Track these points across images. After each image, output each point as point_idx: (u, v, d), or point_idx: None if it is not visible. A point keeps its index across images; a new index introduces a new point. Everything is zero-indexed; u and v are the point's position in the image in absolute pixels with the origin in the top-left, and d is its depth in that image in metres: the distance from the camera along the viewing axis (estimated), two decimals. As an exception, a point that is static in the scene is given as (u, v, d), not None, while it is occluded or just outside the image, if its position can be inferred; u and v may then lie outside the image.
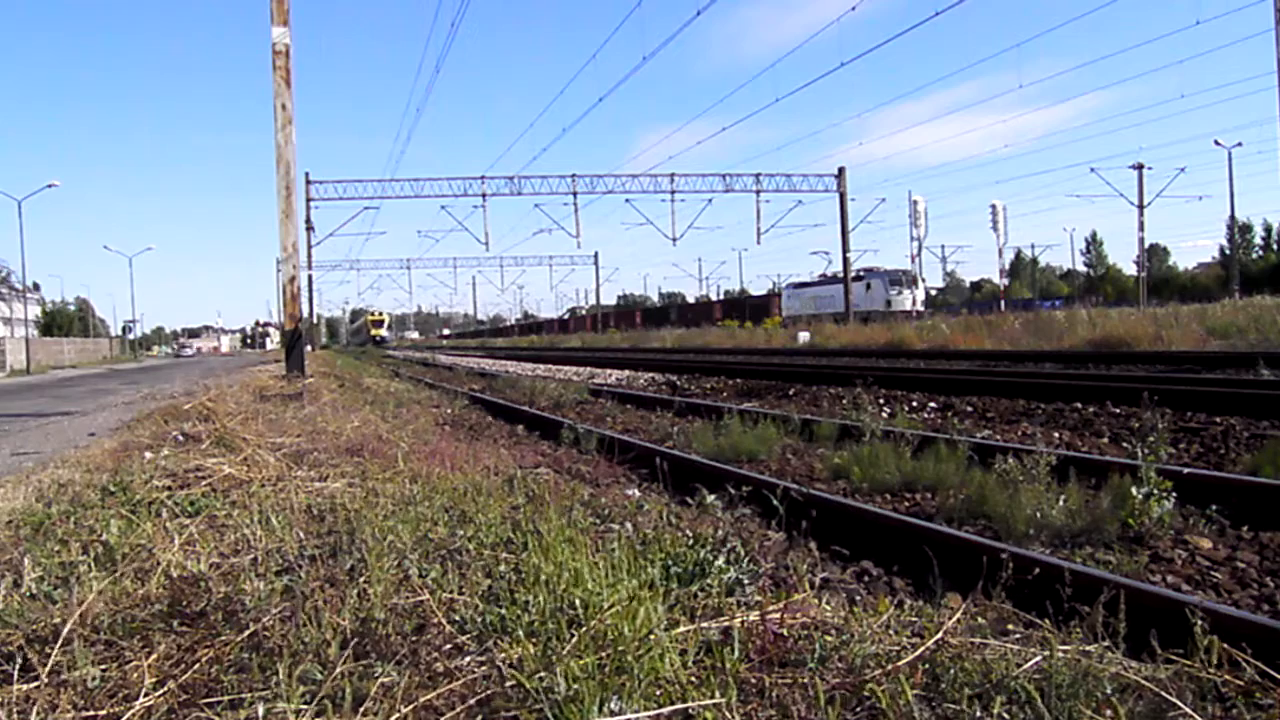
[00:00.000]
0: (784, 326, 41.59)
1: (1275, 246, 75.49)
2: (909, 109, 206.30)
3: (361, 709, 1.70)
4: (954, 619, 2.08)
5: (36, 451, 7.28)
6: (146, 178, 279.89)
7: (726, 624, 2.07)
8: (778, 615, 2.11)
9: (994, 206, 49.54)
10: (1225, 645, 1.84)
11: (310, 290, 44.20)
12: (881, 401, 8.90)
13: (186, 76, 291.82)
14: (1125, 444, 5.95)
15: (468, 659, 1.93)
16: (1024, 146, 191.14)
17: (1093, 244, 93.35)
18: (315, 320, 54.82)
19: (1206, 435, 6.18)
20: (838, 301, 43.18)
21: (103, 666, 1.98)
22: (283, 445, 5.43)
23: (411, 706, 1.71)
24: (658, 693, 1.73)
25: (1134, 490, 3.70)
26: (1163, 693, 1.68)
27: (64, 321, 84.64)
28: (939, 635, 1.96)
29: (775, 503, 3.31)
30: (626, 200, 43.02)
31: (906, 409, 8.31)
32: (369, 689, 1.75)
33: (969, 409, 8.25)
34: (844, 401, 9.17)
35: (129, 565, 2.75)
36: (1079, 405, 7.86)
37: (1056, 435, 6.62)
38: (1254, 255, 74.66)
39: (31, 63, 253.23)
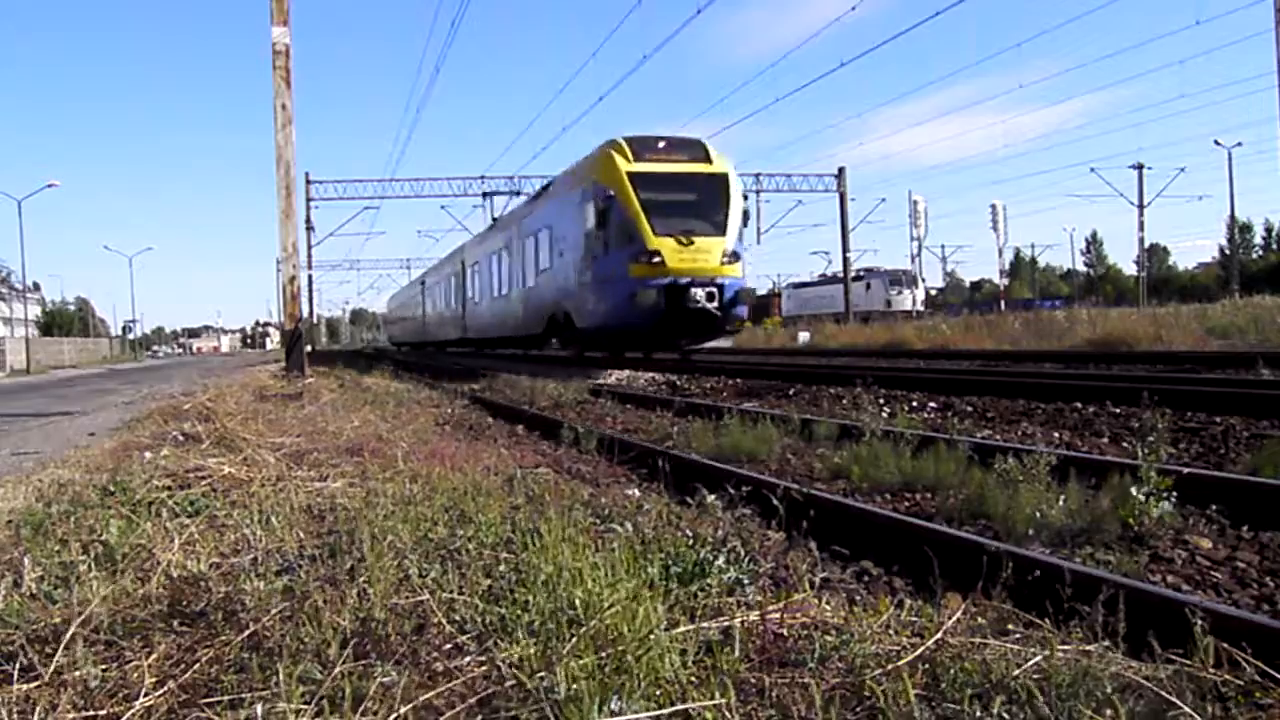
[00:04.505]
0: (784, 326, 41.58)
1: (1275, 246, 75.57)
2: (909, 109, 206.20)
3: (361, 709, 1.70)
4: (954, 619, 2.08)
5: (36, 451, 7.28)
6: (146, 178, 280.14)
7: (726, 624, 2.07)
8: (778, 615, 2.11)
9: (994, 206, 49.50)
10: (1225, 645, 1.85)
11: (310, 290, 43.98)
12: (881, 401, 8.90)
13: (186, 76, 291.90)
14: (1125, 444, 5.94)
15: (468, 659, 1.93)
16: (1023, 146, 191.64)
17: (1093, 244, 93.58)
18: (315, 320, 54.43)
19: (1206, 435, 6.18)
20: (838, 301, 43.20)
21: (103, 666, 1.98)
22: (283, 445, 5.43)
23: (412, 706, 1.71)
24: (658, 692, 1.73)
25: (1134, 490, 3.70)
26: (1163, 693, 1.68)
27: (64, 321, 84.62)
28: (939, 635, 1.96)
29: (775, 502, 3.31)
30: (627, 199, 41.97)
31: (906, 409, 8.31)
32: (369, 689, 1.75)
33: (969, 409, 8.24)
34: (844, 401, 9.17)
35: (129, 565, 2.75)
36: (1079, 405, 7.86)
37: (1056, 435, 6.61)
38: (1254, 255, 74.77)
39: (31, 62, 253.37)
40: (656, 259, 14.03)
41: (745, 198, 15.87)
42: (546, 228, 18.21)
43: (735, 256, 14.80)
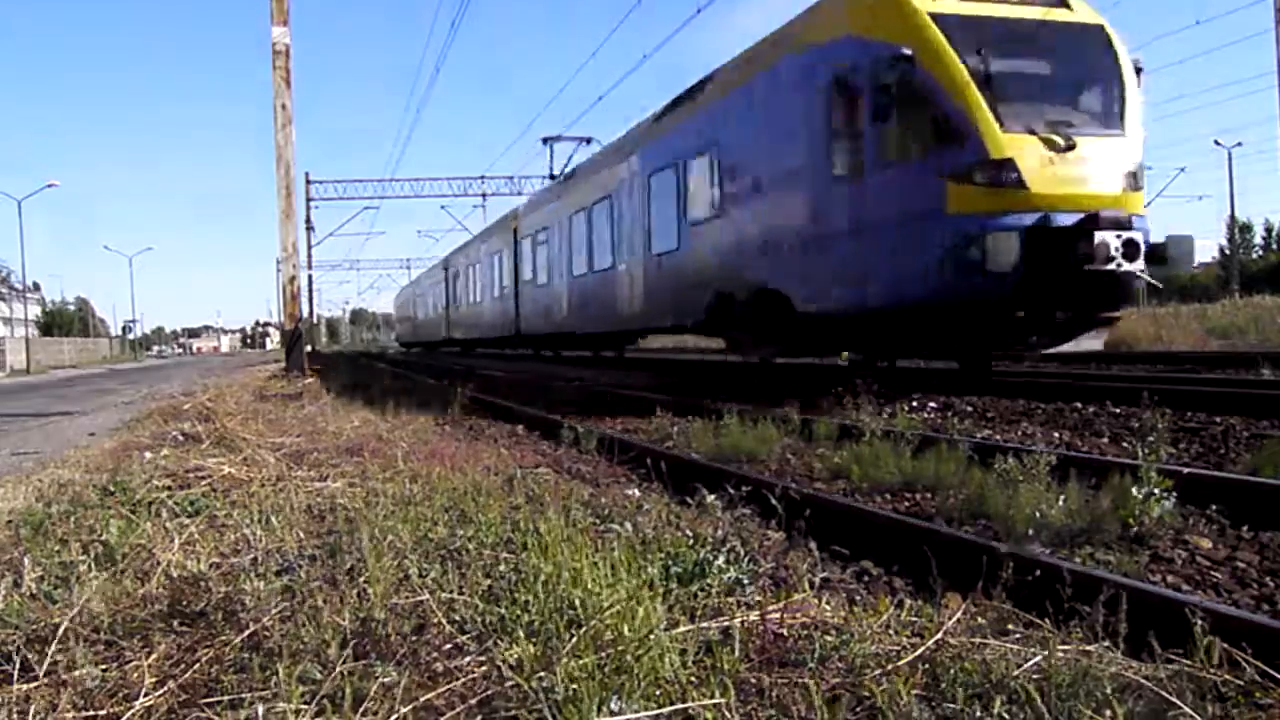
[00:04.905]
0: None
1: (1275, 246, 75.54)
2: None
3: (362, 709, 1.70)
4: (954, 619, 2.08)
5: (36, 451, 7.28)
6: (146, 178, 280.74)
7: (726, 624, 2.07)
8: (777, 615, 2.11)
9: (994, 206, 49.30)
10: (1225, 645, 1.84)
11: (310, 290, 43.56)
12: (881, 401, 8.90)
13: (187, 76, 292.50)
14: (1125, 444, 5.94)
15: (468, 659, 1.93)
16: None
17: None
18: (315, 320, 54.11)
19: (1206, 435, 6.18)
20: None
21: (103, 666, 1.98)
22: (283, 445, 5.43)
23: (411, 706, 1.71)
24: (658, 693, 1.73)
25: (1134, 490, 3.69)
26: (1163, 693, 1.68)
27: (64, 321, 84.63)
28: (939, 635, 1.96)
29: (774, 502, 3.31)
30: (627, 199, 41.48)
31: (906, 409, 8.30)
32: (369, 689, 1.75)
33: (969, 409, 8.24)
34: (844, 401, 9.17)
35: (129, 565, 2.76)
36: (1079, 405, 7.85)
37: (1056, 435, 6.61)
38: (1254, 255, 74.72)
39: (31, 62, 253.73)
40: (1010, 176, 7.12)
41: (1139, 71, 8.11)
42: (710, 149, 10.75)
43: (1140, 177, 7.69)
